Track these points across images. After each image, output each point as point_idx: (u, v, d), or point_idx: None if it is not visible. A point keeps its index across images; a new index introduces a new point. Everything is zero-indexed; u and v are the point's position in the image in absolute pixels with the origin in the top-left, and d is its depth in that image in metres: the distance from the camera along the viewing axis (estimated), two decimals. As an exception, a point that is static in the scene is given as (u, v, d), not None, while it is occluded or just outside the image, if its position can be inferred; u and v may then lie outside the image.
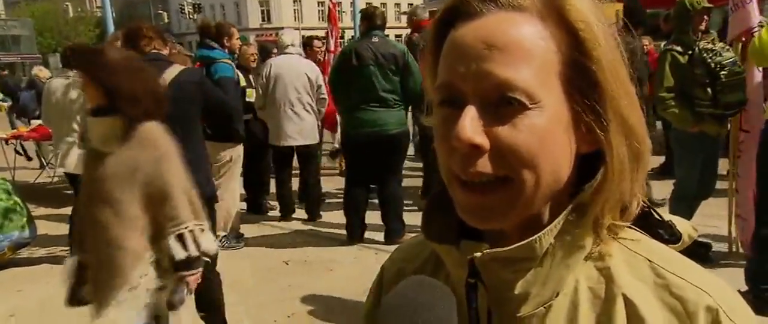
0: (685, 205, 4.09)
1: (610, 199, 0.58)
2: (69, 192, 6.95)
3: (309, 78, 5.33)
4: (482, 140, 0.54)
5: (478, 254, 0.60)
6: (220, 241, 4.90)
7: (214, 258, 3.11)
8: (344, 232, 5.01)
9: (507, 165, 0.55)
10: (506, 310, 0.61)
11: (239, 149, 4.91)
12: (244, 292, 4.00)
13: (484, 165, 0.55)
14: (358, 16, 5.43)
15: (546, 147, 0.55)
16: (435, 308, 0.54)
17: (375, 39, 4.60)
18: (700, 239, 4.09)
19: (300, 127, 5.32)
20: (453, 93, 0.57)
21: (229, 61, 4.86)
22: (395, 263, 0.78)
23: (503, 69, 0.54)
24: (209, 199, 3.04)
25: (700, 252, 3.87)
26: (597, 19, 0.56)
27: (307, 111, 5.35)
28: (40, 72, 10.63)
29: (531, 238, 0.58)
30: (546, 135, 0.55)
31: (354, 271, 4.24)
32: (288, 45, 5.40)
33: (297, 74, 5.27)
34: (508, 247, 0.58)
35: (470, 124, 0.54)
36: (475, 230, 0.63)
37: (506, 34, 0.55)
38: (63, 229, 5.48)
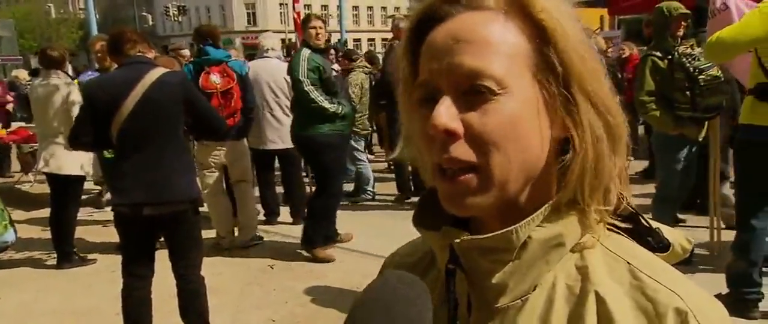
0: (667, 207, 4.15)
1: (588, 179, 0.60)
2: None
3: (287, 81, 5.30)
4: (457, 126, 0.58)
5: (458, 240, 0.62)
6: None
7: (198, 261, 3.10)
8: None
9: (480, 149, 0.58)
10: (485, 299, 0.63)
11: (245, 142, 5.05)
12: (228, 297, 3.97)
13: (460, 151, 0.58)
14: (344, 19, 5.44)
15: (517, 131, 0.58)
16: (413, 303, 0.54)
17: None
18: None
19: (279, 132, 5.30)
20: (430, 89, 0.60)
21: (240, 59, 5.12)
22: (395, 257, 0.81)
23: (471, 59, 0.58)
24: (193, 202, 3.01)
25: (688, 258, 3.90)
26: (560, 8, 0.60)
27: (286, 114, 5.30)
28: (20, 74, 10.52)
29: (508, 229, 0.60)
30: (516, 119, 0.58)
31: (337, 275, 4.23)
32: (268, 48, 5.40)
33: (274, 77, 5.26)
34: (485, 236, 0.61)
35: (445, 112, 0.57)
36: (463, 221, 0.66)
37: (473, 30, 0.59)
38: (43, 232, 5.41)
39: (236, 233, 5.08)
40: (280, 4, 45.65)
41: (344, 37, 15.04)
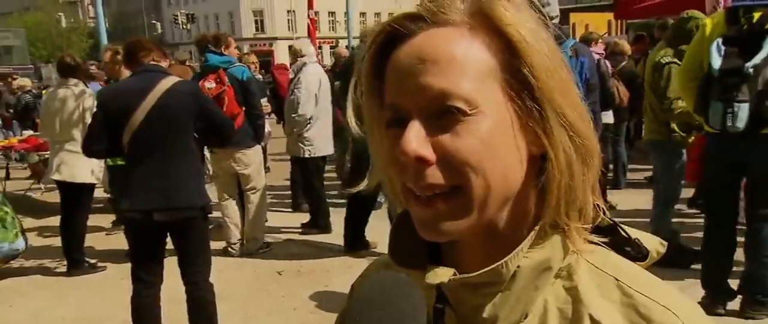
0: (669, 212, 4.21)
1: (564, 198, 0.58)
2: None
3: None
4: (428, 152, 0.55)
5: (445, 280, 0.60)
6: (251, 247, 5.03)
7: (207, 268, 3.12)
8: (338, 242, 5.00)
9: (455, 173, 0.56)
10: None
11: (259, 150, 5.07)
12: (237, 303, 3.98)
13: (435, 176, 0.56)
14: (353, 25, 5.46)
15: (491, 151, 0.56)
16: (403, 299, 0.54)
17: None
18: (686, 246, 4.13)
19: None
20: (398, 112, 0.58)
21: (243, 64, 5.10)
22: (365, 279, 0.76)
23: (438, 80, 0.55)
24: (202, 209, 3.02)
25: (685, 260, 3.91)
26: (526, 22, 0.58)
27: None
28: (24, 82, 10.64)
29: (497, 263, 0.58)
30: (489, 139, 0.56)
31: (346, 281, 4.18)
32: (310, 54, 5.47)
33: (326, 83, 5.42)
34: (475, 273, 0.59)
35: (415, 138, 0.55)
36: (439, 248, 0.64)
37: (438, 47, 0.56)
38: (54, 240, 5.44)
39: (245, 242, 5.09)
40: (288, 12, 45.86)
41: (352, 43, 15.08)
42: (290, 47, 5.72)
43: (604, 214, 0.63)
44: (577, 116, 0.59)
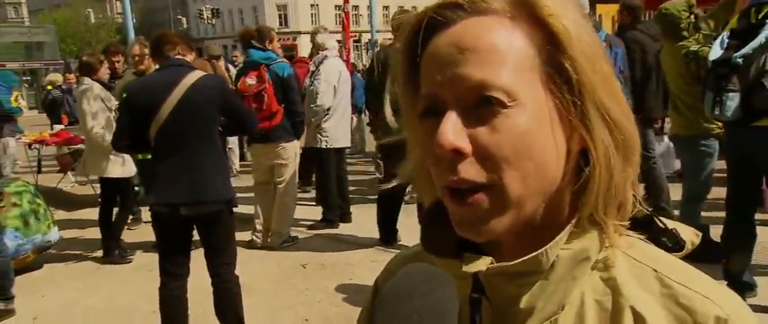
0: (696, 207, 4.14)
1: (603, 195, 0.57)
2: (90, 193, 7.06)
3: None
4: (464, 144, 0.54)
5: (484, 268, 0.59)
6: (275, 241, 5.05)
7: (233, 260, 3.15)
8: (362, 235, 5.02)
9: (492, 167, 0.54)
10: None
11: (297, 145, 5.09)
12: (261, 296, 4.02)
13: (470, 171, 0.54)
14: (376, 19, 5.45)
15: (529, 146, 0.54)
16: (435, 292, 0.54)
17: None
18: (716, 241, 4.06)
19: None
20: (434, 102, 0.56)
21: (286, 61, 5.13)
22: (390, 276, 0.75)
23: (478, 70, 0.54)
24: (228, 203, 3.05)
25: (716, 255, 3.84)
26: (569, 12, 0.56)
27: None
28: (55, 78, 10.84)
29: (538, 252, 0.57)
30: (528, 133, 0.54)
31: (371, 274, 4.20)
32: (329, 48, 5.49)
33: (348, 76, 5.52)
34: (516, 261, 0.57)
35: (451, 129, 0.53)
36: (473, 241, 0.62)
37: (477, 37, 0.55)
38: (84, 232, 5.57)
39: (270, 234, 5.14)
40: (312, 5, 45.99)
41: (375, 37, 15.05)
42: (313, 40, 5.69)
43: (641, 205, 0.62)
44: (620, 111, 0.57)
